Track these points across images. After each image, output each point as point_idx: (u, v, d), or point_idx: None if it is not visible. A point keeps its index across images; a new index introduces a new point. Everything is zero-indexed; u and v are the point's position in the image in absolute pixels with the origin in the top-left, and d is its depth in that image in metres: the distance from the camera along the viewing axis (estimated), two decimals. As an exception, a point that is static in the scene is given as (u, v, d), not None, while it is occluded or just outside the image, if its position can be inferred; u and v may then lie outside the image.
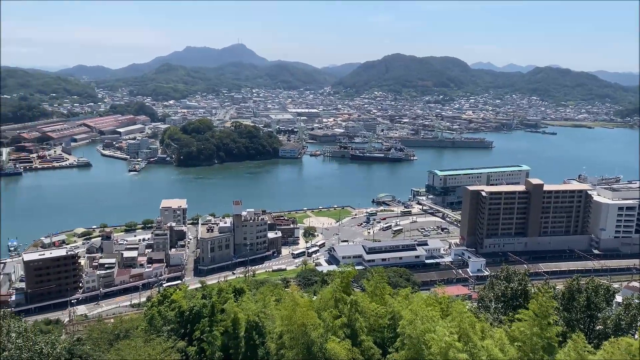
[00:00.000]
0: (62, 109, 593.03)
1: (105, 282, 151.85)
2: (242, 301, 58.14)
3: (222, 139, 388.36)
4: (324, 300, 45.18)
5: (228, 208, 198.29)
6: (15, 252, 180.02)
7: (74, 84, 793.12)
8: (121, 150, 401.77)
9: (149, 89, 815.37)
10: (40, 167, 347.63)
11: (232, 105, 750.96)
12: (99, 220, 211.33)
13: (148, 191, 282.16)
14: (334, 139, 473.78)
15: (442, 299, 38.03)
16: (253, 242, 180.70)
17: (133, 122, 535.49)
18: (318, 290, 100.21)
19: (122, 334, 58.11)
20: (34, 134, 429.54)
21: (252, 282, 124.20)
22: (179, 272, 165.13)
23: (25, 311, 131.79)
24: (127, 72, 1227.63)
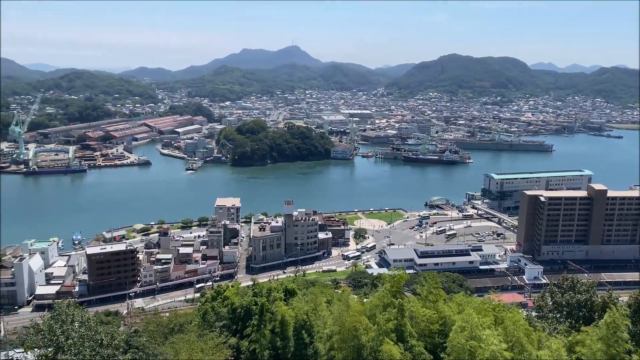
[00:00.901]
0: (124, 109, 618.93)
1: (162, 277, 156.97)
2: (292, 301, 58.64)
3: (275, 140, 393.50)
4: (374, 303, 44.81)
5: (280, 207, 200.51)
6: (79, 246, 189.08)
7: (136, 85, 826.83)
8: (179, 150, 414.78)
9: (206, 90, 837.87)
10: (104, 164, 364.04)
11: (286, 107, 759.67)
12: (157, 216, 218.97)
13: (204, 189, 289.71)
14: (386, 141, 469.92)
15: (496, 306, 36.89)
16: (304, 242, 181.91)
17: (191, 122, 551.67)
18: (368, 293, 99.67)
19: (176, 327, 59.89)
20: (98, 133, 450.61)
21: (303, 282, 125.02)
22: (231, 269, 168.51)
23: (87, 302, 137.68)
24: (186, 73, 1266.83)
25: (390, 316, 39.36)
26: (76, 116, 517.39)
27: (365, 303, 48.55)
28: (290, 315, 49.19)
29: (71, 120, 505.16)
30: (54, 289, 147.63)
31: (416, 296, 50.35)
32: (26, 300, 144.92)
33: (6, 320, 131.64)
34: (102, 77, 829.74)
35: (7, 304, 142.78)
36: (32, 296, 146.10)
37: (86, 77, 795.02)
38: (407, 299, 43.62)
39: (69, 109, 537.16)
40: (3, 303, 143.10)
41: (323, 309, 51.82)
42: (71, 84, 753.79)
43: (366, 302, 49.27)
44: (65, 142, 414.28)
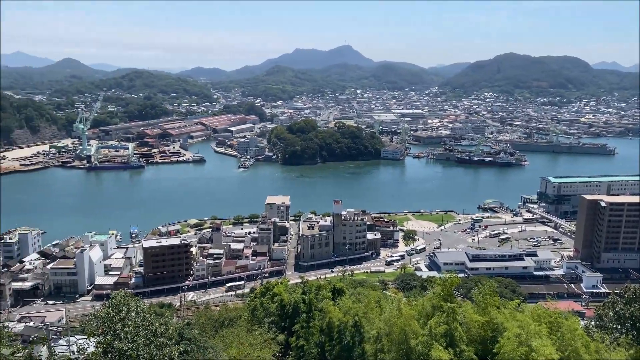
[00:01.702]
0: (181, 108, 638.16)
1: (213, 272, 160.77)
2: (340, 300, 58.70)
3: (325, 139, 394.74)
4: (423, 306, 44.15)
5: (328, 207, 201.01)
6: (136, 239, 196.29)
7: (192, 84, 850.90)
8: (232, 148, 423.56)
9: (259, 90, 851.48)
10: (161, 161, 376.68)
11: (336, 106, 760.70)
12: (210, 212, 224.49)
13: (255, 187, 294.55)
14: (438, 141, 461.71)
15: (552, 314, 35.51)
16: (352, 242, 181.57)
17: (244, 121, 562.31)
18: (417, 295, 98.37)
19: (226, 321, 61.23)
20: (156, 130, 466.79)
21: (350, 282, 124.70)
22: (280, 266, 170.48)
23: (143, 293, 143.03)
24: (240, 73, 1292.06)
25: (440, 320, 38.69)
26: (136, 114, 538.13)
27: (413, 306, 47.96)
28: (338, 315, 49.17)
29: (131, 118, 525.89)
30: (111, 280, 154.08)
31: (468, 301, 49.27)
32: (86, 289, 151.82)
33: (68, 308, 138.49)
34: (161, 77, 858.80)
35: (69, 293, 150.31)
36: (92, 286, 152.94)
37: (145, 77, 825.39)
38: (458, 303, 42.74)
39: (129, 107, 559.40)
40: (65, 291, 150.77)
41: (371, 309, 51.56)
42: (131, 83, 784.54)
43: (415, 305, 48.67)
44: (125, 139, 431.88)
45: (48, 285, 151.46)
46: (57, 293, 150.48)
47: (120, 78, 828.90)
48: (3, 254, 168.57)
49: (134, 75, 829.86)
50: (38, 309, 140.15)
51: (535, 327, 30.17)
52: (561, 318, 33.90)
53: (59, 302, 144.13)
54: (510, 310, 41.27)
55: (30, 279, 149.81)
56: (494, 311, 40.37)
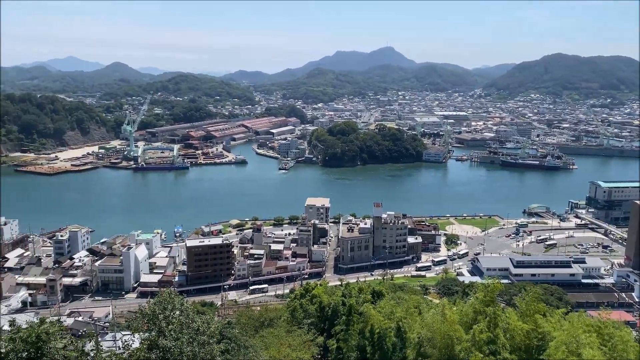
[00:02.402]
0: (224, 111, 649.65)
1: (254, 272, 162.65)
2: (380, 304, 58.24)
3: (366, 141, 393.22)
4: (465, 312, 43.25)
5: (368, 209, 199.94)
6: (180, 238, 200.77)
7: (235, 87, 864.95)
8: (273, 150, 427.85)
9: (300, 92, 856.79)
10: (204, 162, 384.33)
11: (377, 108, 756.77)
12: (251, 213, 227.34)
13: (295, 189, 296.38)
14: (482, 144, 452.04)
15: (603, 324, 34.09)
16: (392, 246, 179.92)
17: (285, 123, 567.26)
18: (458, 301, 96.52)
19: (266, 322, 61.85)
20: (200, 132, 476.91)
21: (390, 286, 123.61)
22: (320, 268, 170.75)
23: (186, 292, 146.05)
24: (282, 76, 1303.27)
25: (484, 327, 37.84)
26: (181, 117, 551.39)
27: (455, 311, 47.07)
28: (378, 318, 48.80)
29: (176, 120, 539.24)
30: (156, 278, 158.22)
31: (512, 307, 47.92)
32: (132, 286, 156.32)
33: (114, 304, 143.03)
34: (205, 80, 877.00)
35: (115, 289, 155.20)
36: (137, 283, 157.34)
37: (190, 80, 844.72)
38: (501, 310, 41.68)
39: (174, 110, 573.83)
40: (112, 288, 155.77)
41: (411, 314, 50.92)
42: (177, 86, 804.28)
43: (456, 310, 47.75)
44: (171, 141, 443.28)
45: (96, 282, 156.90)
46: (104, 289, 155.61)
47: (166, 81, 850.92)
48: (55, 250, 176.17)
49: (179, 79, 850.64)
50: (86, 305, 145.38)
51: (585, 337, 29.06)
52: (612, 328, 32.53)
53: (106, 299, 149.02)
54: (557, 318, 39.90)
55: (79, 276, 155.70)
56: (540, 319, 39.13)
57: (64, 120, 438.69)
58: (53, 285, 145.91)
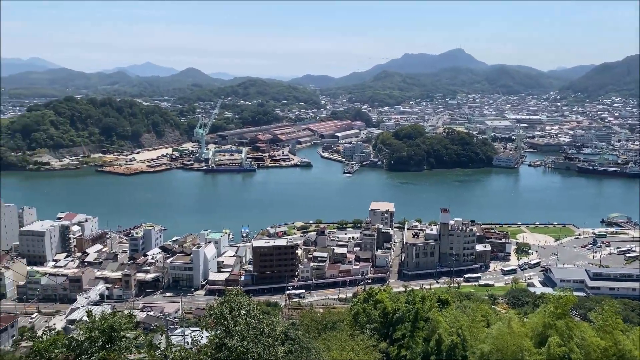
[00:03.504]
0: (290, 114, 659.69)
1: (317, 274, 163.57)
2: (446, 312, 56.72)
3: (433, 145, 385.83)
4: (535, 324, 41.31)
5: (434, 215, 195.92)
6: (247, 238, 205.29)
7: (302, 91, 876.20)
8: (338, 153, 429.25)
9: (366, 96, 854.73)
10: (271, 165, 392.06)
11: (446, 111, 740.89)
12: (315, 216, 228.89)
13: (359, 192, 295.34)
14: (557, 149, 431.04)
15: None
16: (459, 253, 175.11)
17: (350, 127, 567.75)
18: (529, 313, 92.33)
19: (329, 325, 61.86)
20: (267, 135, 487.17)
21: (457, 294, 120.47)
22: (383, 273, 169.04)
23: (251, 291, 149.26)
24: (348, 80, 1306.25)
25: (560, 340, 35.97)
26: (249, 120, 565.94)
27: (524, 323, 45.04)
28: (444, 326, 47.57)
29: (245, 123, 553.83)
30: (223, 276, 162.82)
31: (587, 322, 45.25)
32: (200, 284, 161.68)
33: (184, 300, 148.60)
34: (273, 85, 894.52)
35: (185, 286, 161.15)
36: (206, 281, 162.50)
37: (259, 85, 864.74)
38: (574, 324, 39.43)
39: (243, 114, 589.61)
40: (182, 285, 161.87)
41: (479, 324, 49.26)
42: (246, 91, 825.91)
43: (526, 322, 45.68)
44: (239, 144, 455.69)
45: (167, 278, 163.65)
46: (174, 286, 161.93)
47: (236, 86, 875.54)
48: (130, 247, 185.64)
49: (248, 83, 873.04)
50: (158, 300, 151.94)
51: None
52: None
53: (176, 295, 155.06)
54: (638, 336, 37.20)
55: (152, 272, 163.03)
56: (620, 336, 36.61)
57: (141, 123, 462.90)
58: (128, 280, 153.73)
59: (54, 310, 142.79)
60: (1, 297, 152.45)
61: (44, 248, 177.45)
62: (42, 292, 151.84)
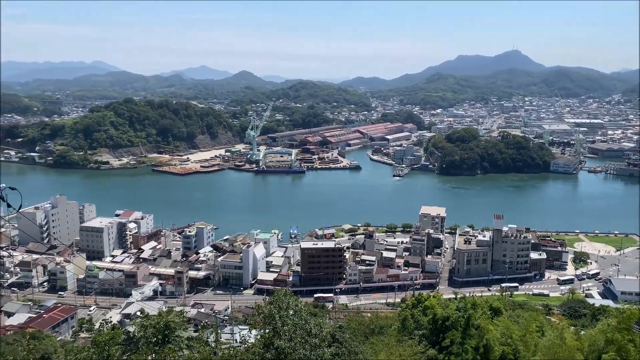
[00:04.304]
0: (340, 117, 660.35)
1: (365, 278, 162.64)
2: (498, 320, 54.96)
3: (487, 149, 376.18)
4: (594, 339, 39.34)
5: (487, 221, 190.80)
6: (295, 239, 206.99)
7: (352, 94, 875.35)
8: (388, 156, 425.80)
9: (418, 98, 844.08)
10: (320, 167, 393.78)
11: (501, 114, 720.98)
12: (363, 218, 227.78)
13: (409, 196, 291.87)
14: (621, 155, 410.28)
15: None
16: (513, 261, 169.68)
17: (401, 129, 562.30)
18: (586, 325, 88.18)
19: (376, 329, 61.24)
20: (317, 138, 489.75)
21: (509, 303, 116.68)
22: (433, 279, 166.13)
23: (299, 292, 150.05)
24: (400, 82, 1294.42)
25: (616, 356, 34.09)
26: (300, 122, 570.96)
27: (582, 336, 43.07)
28: (495, 335, 46.11)
29: (295, 126, 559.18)
30: (272, 276, 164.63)
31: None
32: (250, 283, 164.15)
33: (234, 299, 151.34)
34: (323, 87, 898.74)
35: (235, 285, 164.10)
36: (255, 280, 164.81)
37: (310, 87, 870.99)
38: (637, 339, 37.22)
39: (293, 116, 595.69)
40: (232, 283, 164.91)
41: (532, 335, 47.43)
42: (297, 93, 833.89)
43: (583, 336, 43.69)
44: (289, 146, 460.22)
45: (218, 276, 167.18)
46: (225, 284, 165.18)
47: (287, 89, 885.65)
48: (183, 245, 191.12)
49: (299, 86, 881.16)
50: (208, 297, 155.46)
51: None
52: None
53: (226, 293, 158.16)
54: None
55: (203, 269, 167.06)
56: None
57: (195, 125, 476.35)
58: (180, 277, 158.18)
59: (111, 304, 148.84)
60: (62, 289, 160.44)
61: (102, 244, 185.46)
62: (100, 286, 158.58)
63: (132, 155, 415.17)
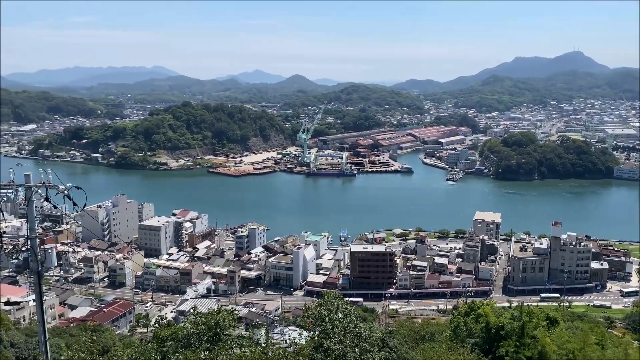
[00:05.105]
0: (392, 120, 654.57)
1: (416, 283, 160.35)
2: (554, 331, 52.87)
3: (546, 154, 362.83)
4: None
5: (544, 228, 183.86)
6: (345, 242, 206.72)
7: (405, 96, 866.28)
8: (441, 160, 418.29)
9: (473, 101, 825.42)
10: (370, 170, 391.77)
11: (560, 118, 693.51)
12: (414, 223, 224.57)
13: (462, 201, 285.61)
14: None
15: None
16: (572, 270, 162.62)
17: (455, 133, 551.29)
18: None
19: (427, 335, 60.14)
20: (368, 141, 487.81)
21: (567, 313, 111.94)
22: (487, 287, 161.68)
23: (348, 295, 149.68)
24: (454, 84, 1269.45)
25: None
26: (350, 125, 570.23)
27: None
28: (552, 347, 44.36)
29: (346, 129, 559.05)
30: (321, 279, 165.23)
31: None
32: (299, 284, 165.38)
33: (284, 299, 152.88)
34: (375, 90, 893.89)
35: (285, 285, 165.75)
36: (305, 282, 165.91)
37: (361, 90, 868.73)
38: None
39: (345, 119, 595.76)
40: (282, 284, 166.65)
41: (589, 346, 45.29)
42: (349, 96, 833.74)
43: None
44: (340, 149, 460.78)
45: (269, 277, 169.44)
46: (275, 285, 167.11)
47: (339, 92, 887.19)
48: (236, 245, 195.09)
49: (351, 89, 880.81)
50: (259, 297, 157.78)
51: None
52: None
53: (276, 293, 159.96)
54: None
55: (255, 269, 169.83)
56: None
57: (249, 128, 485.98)
58: (233, 277, 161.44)
59: (166, 301, 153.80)
60: (121, 285, 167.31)
61: (160, 242, 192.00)
62: (156, 283, 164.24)
63: (189, 156, 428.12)
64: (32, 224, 23.56)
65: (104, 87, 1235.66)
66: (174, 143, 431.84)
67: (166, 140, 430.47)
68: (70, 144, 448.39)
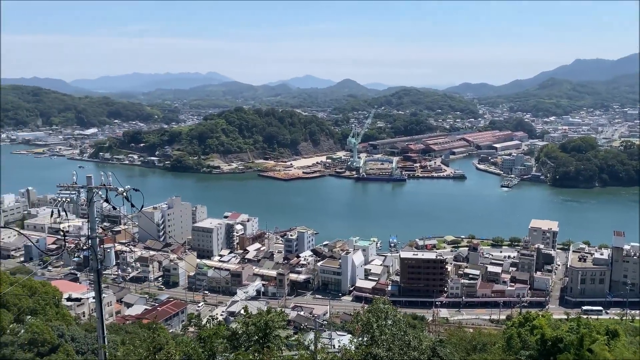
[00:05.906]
0: (445, 124, 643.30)
1: (468, 292, 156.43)
2: (615, 346, 50.21)
3: (607, 160, 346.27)
4: None
5: (606, 238, 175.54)
6: (394, 248, 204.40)
7: (458, 100, 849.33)
8: (495, 166, 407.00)
9: (529, 105, 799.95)
10: (421, 175, 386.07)
11: (624, 123, 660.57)
12: (467, 230, 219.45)
13: (517, 208, 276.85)
14: None
15: None
16: (636, 283, 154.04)
17: (510, 138, 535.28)
18: None
19: (479, 346, 58.50)
20: (419, 145, 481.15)
21: (630, 328, 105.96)
22: (542, 297, 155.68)
23: (397, 302, 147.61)
24: (510, 88, 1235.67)
25: None
26: (401, 130, 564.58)
27: None
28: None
29: (397, 133, 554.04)
30: (370, 284, 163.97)
31: None
32: (348, 289, 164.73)
33: (332, 304, 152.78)
34: (427, 94, 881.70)
35: (333, 290, 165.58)
36: (353, 287, 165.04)
37: (413, 94, 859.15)
38: None
39: (395, 123, 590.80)
40: (331, 288, 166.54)
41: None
42: (400, 100, 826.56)
43: None
44: (390, 153, 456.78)
45: (317, 281, 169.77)
46: (323, 289, 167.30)
47: (390, 96, 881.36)
48: (285, 248, 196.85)
49: (402, 93, 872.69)
50: (308, 301, 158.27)
51: None
52: None
53: (325, 298, 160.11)
54: None
55: (303, 273, 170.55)
56: None
57: (299, 132, 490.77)
58: (282, 279, 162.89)
59: (217, 301, 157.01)
60: (175, 285, 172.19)
61: (212, 243, 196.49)
62: (208, 284, 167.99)
63: (241, 160, 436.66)
64: (92, 224, 24.64)
65: (161, 93, 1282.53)
66: (226, 147, 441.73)
67: (219, 144, 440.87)
68: (129, 148, 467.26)
